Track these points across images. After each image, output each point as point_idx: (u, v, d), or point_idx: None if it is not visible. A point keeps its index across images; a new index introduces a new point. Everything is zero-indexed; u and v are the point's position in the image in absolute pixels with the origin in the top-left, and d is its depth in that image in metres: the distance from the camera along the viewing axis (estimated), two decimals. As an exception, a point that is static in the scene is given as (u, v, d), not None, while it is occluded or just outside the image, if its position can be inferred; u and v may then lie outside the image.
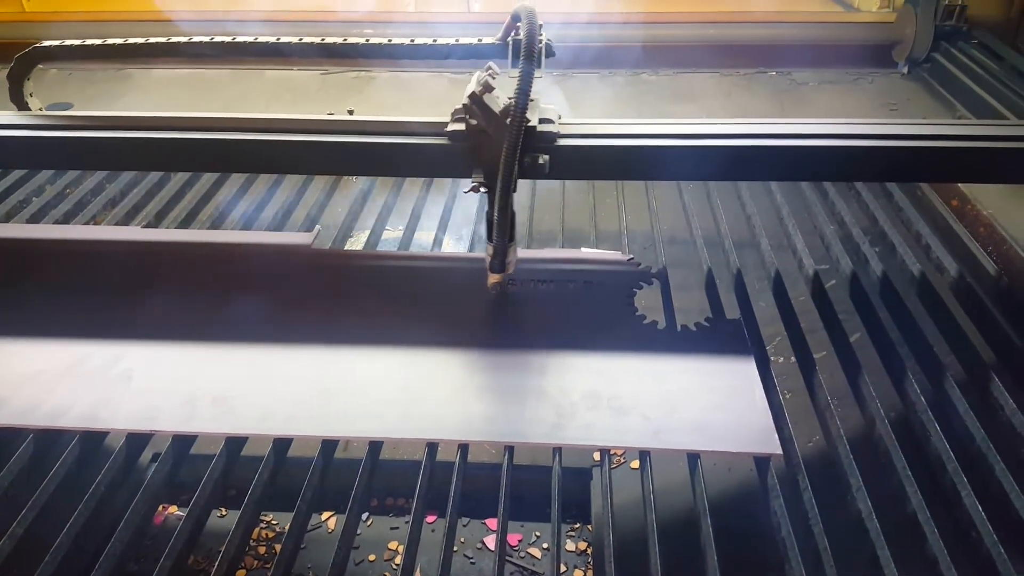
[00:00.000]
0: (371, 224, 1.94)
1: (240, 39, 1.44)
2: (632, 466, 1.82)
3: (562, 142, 1.33)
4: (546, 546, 1.92)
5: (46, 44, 1.49)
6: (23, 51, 1.51)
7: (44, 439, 1.30)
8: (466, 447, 1.28)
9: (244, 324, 1.51)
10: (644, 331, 1.49)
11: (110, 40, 1.47)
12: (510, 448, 1.27)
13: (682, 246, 1.90)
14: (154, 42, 1.46)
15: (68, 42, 1.48)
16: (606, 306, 1.54)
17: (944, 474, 1.22)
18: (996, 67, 2.64)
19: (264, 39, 1.44)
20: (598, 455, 1.80)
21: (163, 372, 1.40)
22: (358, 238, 2.11)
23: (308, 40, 1.44)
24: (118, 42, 1.47)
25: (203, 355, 1.44)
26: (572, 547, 1.90)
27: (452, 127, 1.31)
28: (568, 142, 1.33)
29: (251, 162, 1.49)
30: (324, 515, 2.00)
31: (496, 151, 1.23)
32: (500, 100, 1.23)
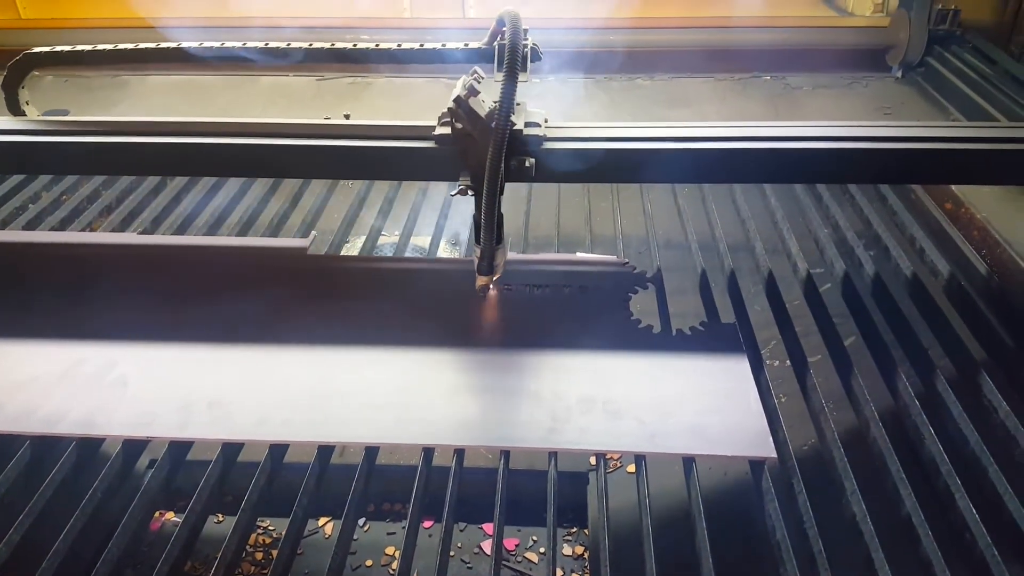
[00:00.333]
0: (367, 229, 1.95)
1: (229, 44, 1.43)
2: (628, 470, 1.82)
3: (548, 145, 1.33)
4: (542, 550, 1.92)
5: (37, 51, 1.48)
6: (12, 60, 1.51)
7: (41, 445, 1.30)
8: (462, 452, 1.28)
9: (240, 329, 1.51)
10: (639, 335, 1.50)
11: (100, 46, 1.47)
12: (506, 453, 1.27)
13: (677, 250, 1.91)
14: (143, 47, 1.46)
15: (58, 48, 1.48)
16: (601, 310, 1.54)
17: (938, 476, 1.23)
18: (989, 71, 2.65)
19: (253, 44, 1.43)
20: (594, 459, 1.80)
21: (159, 378, 1.40)
22: (354, 243, 2.12)
23: (296, 45, 1.44)
24: (109, 47, 1.46)
25: (199, 361, 1.44)
26: (569, 551, 1.91)
27: (439, 131, 1.31)
28: (554, 145, 1.33)
29: (241, 166, 1.49)
30: (321, 520, 2.00)
31: (482, 154, 1.23)
32: (485, 104, 1.23)
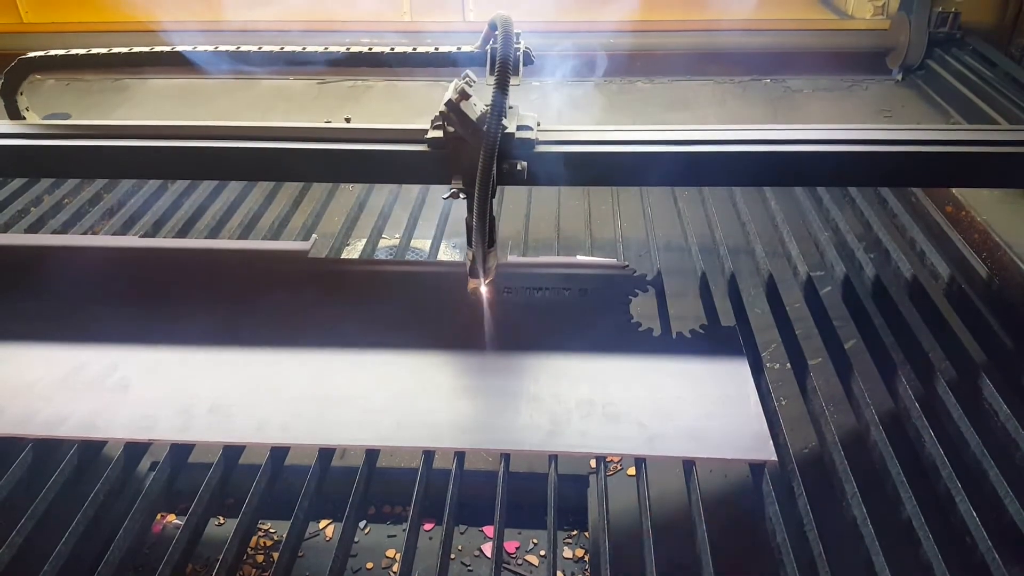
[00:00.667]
0: (368, 231, 1.95)
1: (222, 48, 1.43)
2: (628, 473, 1.83)
3: (540, 149, 1.32)
4: (543, 553, 1.92)
5: (32, 55, 1.48)
6: (11, 64, 1.51)
7: (43, 448, 1.31)
8: (462, 455, 1.28)
9: (241, 332, 1.52)
10: (639, 338, 1.50)
11: (95, 50, 1.47)
12: (506, 455, 1.27)
13: (677, 253, 1.91)
14: (139, 51, 1.46)
15: (54, 52, 1.48)
16: (601, 313, 1.54)
17: (938, 480, 1.23)
18: (989, 73, 2.66)
19: (246, 48, 1.43)
20: (594, 462, 1.80)
21: (160, 381, 1.40)
22: (355, 246, 2.12)
23: (290, 49, 1.44)
24: (104, 51, 1.46)
25: (200, 364, 1.45)
26: (569, 554, 1.91)
27: (431, 134, 1.31)
28: (547, 148, 1.33)
29: (236, 169, 1.49)
30: (322, 523, 2.00)
31: (474, 158, 1.22)
32: (477, 108, 1.23)
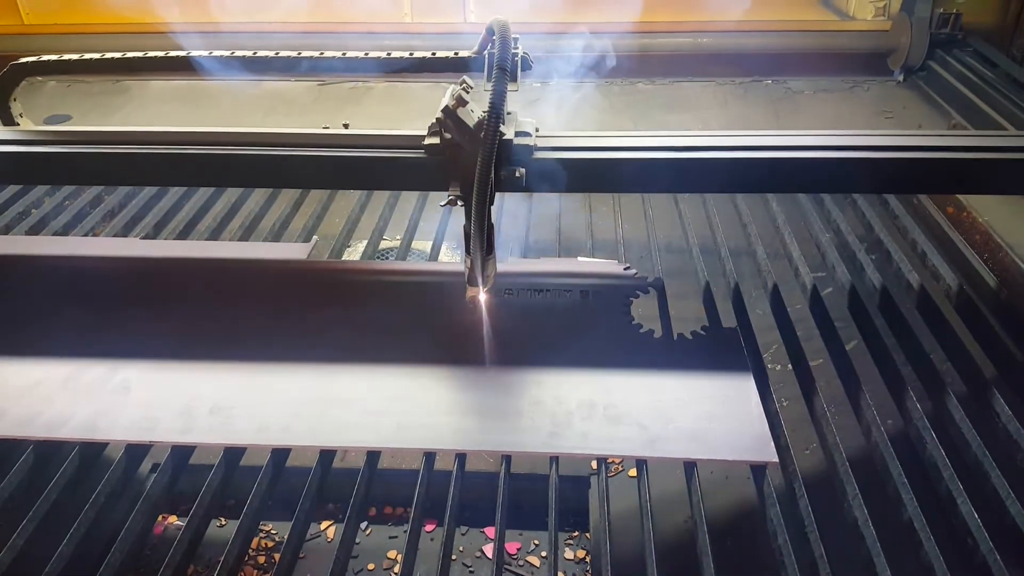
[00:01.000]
0: (368, 234, 1.95)
1: (217, 53, 1.43)
2: (630, 474, 1.82)
3: (539, 155, 1.31)
4: (544, 554, 1.92)
5: (25, 60, 1.47)
6: (3, 69, 1.50)
7: (44, 450, 1.31)
8: (463, 456, 1.28)
9: (242, 334, 1.52)
10: (640, 340, 1.50)
11: (88, 55, 1.46)
12: (507, 457, 1.27)
13: (678, 255, 1.91)
14: (132, 56, 1.45)
15: (46, 57, 1.47)
16: (602, 315, 1.54)
17: (940, 481, 1.23)
18: (991, 74, 2.66)
19: (241, 53, 1.43)
20: (595, 463, 1.80)
21: (161, 383, 1.40)
22: (356, 248, 2.12)
23: (285, 54, 1.42)
24: (97, 56, 1.45)
25: (200, 366, 1.45)
26: (570, 555, 1.90)
27: (428, 140, 1.30)
28: (545, 155, 1.32)
29: (234, 176, 1.49)
30: (323, 524, 2.00)
31: (471, 164, 1.21)
32: (474, 114, 1.22)
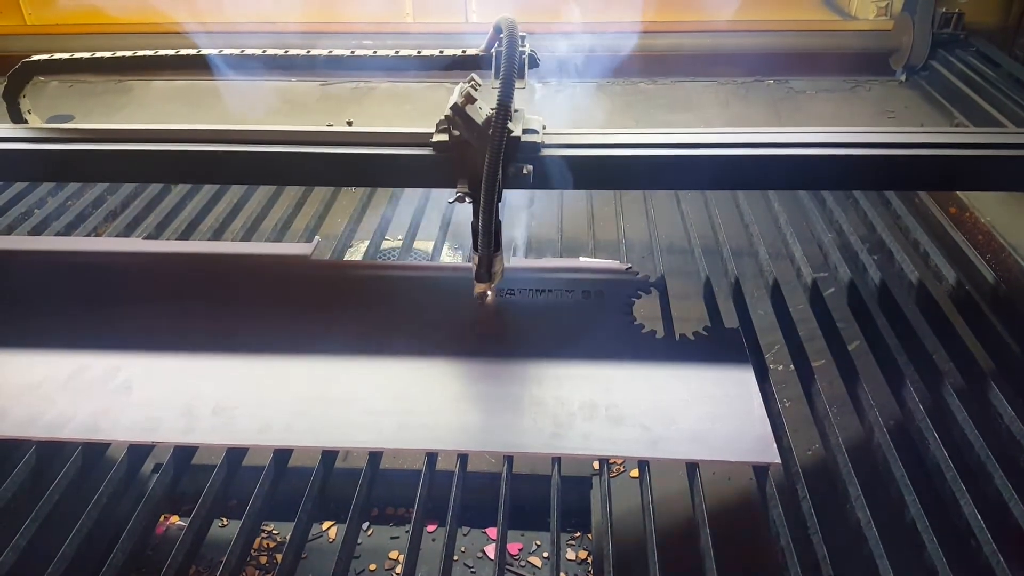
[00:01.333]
0: (371, 233, 1.95)
1: (227, 52, 1.43)
2: (632, 475, 1.82)
3: (546, 152, 1.32)
4: (546, 555, 1.92)
5: (36, 59, 1.48)
6: (15, 67, 1.51)
7: (47, 450, 1.31)
8: (465, 457, 1.28)
9: (244, 334, 1.52)
10: (642, 340, 1.50)
11: (100, 53, 1.47)
12: (509, 457, 1.27)
13: (680, 255, 1.91)
14: (142, 55, 1.46)
15: (57, 56, 1.48)
16: (604, 315, 1.54)
17: (943, 482, 1.22)
18: (993, 74, 2.65)
19: (251, 51, 1.43)
20: (597, 464, 1.80)
21: (163, 383, 1.40)
22: (358, 247, 2.12)
23: (293, 52, 1.43)
24: (108, 55, 1.46)
25: (203, 366, 1.45)
26: (572, 556, 1.90)
27: (436, 138, 1.31)
28: (552, 152, 1.33)
29: (241, 174, 1.49)
30: (325, 525, 2.00)
31: (479, 162, 1.22)
32: (483, 111, 1.22)
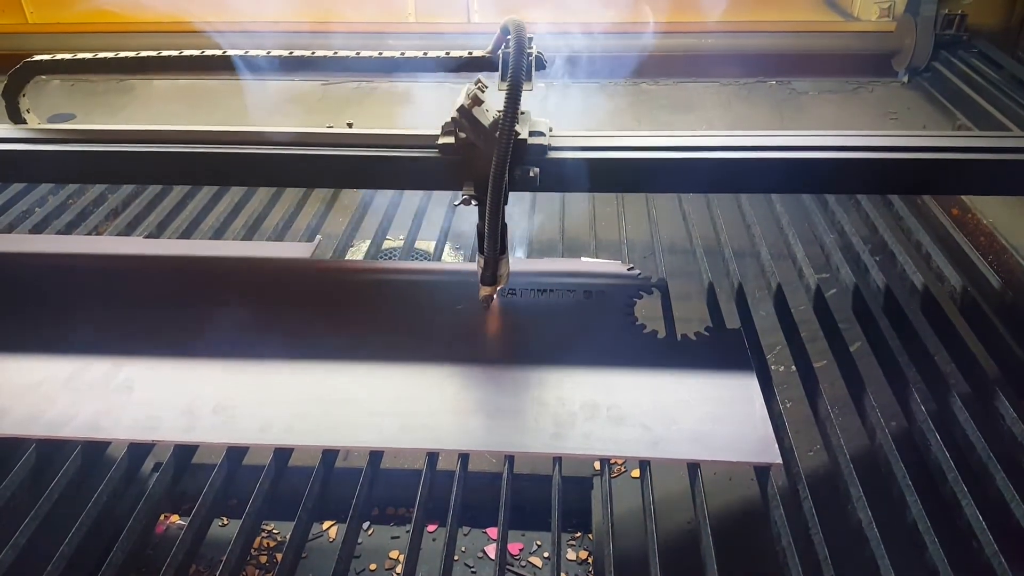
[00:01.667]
0: (372, 233, 1.95)
1: (230, 52, 1.43)
2: (633, 475, 1.82)
3: (553, 155, 1.32)
4: (547, 555, 1.91)
5: (37, 59, 1.48)
6: (15, 66, 1.50)
7: (47, 449, 1.31)
8: (466, 457, 1.28)
9: (245, 334, 1.52)
10: (644, 341, 1.49)
11: (101, 53, 1.47)
12: (510, 457, 1.27)
13: (682, 255, 1.90)
14: (144, 55, 1.46)
15: (59, 56, 1.47)
16: (606, 316, 1.54)
17: (945, 483, 1.22)
18: (996, 76, 2.65)
19: (255, 52, 1.43)
20: (598, 464, 1.80)
21: (163, 382, 1.40)
22: (359, 247, 2.12)
23: (298, 53, 1.43)
24: (110, 55, 1.46)
25: (203, 365, 1.44)
26: (573, 556, 1.90)
27: (442, 140, 1.30)
28: (559, 155, 1.32)
29: (244, 175, 1.49)
30: (325, 524, 2.00)
31: (486, 164, 1.22)
32: (489, 113, 1.22)
